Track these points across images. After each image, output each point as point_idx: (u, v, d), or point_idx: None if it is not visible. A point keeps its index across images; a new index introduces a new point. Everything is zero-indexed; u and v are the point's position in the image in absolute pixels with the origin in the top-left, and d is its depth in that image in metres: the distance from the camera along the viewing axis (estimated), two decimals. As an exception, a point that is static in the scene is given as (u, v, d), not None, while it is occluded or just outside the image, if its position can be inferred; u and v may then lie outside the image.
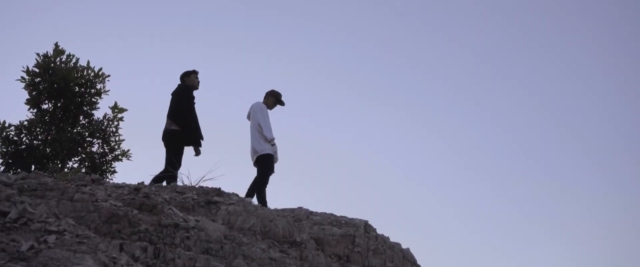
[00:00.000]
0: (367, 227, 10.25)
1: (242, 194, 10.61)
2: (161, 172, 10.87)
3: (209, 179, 10.30)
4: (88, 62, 16.85)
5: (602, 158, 49.08)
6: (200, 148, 11.44)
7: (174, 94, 11.43)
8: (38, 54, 16.31)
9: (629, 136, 49.94)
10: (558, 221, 44.19)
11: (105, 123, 16.93)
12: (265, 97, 12.14)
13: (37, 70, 16.21)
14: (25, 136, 15.96)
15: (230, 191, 9.67)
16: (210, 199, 9.02)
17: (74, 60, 16.68)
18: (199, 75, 11.71)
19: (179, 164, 11.05)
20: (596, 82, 51.26)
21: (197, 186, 9.74)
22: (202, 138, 11.34)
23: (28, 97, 16.24)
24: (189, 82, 11.55)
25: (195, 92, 11.51)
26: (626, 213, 45.34)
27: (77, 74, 16.58)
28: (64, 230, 6.11)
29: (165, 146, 11.21)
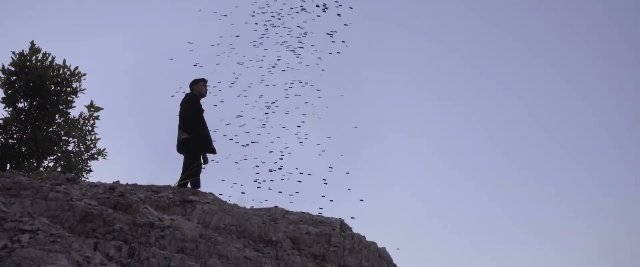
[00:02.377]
0: (342, 226, 10.29)
1: (217, 193, 10.60)
2: (185, 177, 10.80)
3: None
4: (64, 61, 16.78)
5: (580, 158, 49.51)
6: (208, 157, 11.27)
7: (182, 103, 11.30)
8: (14, 53, 16.22)
9: (612, 138, 50.40)
10: (536, 221, 44.50)
11: (81, 122, 16.88)
12: None
13: (12, 68, 16.11)
14: (1, 134, 15.86)
15: (206, 190, 9.69)
16: (185, 198, 9.03)
17: (49, 58, 16.59)
18: (207, 84, 11.57)
19: (199, 171, 10.93)
20: (580, 84, 51.68)
21: (172, 185, 9.75)
22: (213, 149, 11.17)
23: (3, 95, 16.15)
24: (196, 91, 11.40)
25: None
26: (606, 215, 45.77)
27: (53, 72, 16.51)
28: (38, 229, 6.11)
29: (184, 155, 11.06)
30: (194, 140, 10.85)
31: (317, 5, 11.63)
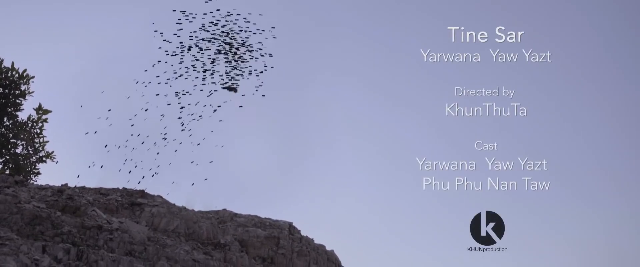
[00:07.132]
0: (291, 229, 10.41)
1: (166, 196, 10.66)
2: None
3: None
4: (12, 64, 16.67)
5: (540, 165, 49.96)
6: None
7: None
8: (-39, 55, 16.06)
9: (575, 140, 51.10)
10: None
11: (30, 124, 16.76)
12: None
13: (-41, 70, 15.95)
14: (-53, 137, 15.68)
15: (155, 193, 9.73)
16: (134, 201, 9.05)
17: (-3, 61, 16.47)
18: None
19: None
20: (539, 86, 52.22)
21: (121, 188, 9.76)
22: None
23: (-50, 97, 15.97)
24: None
25: None
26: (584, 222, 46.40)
27: (1, 75, 16.37)
28: (-14, 232, 6.13)
29: None
30: None
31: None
